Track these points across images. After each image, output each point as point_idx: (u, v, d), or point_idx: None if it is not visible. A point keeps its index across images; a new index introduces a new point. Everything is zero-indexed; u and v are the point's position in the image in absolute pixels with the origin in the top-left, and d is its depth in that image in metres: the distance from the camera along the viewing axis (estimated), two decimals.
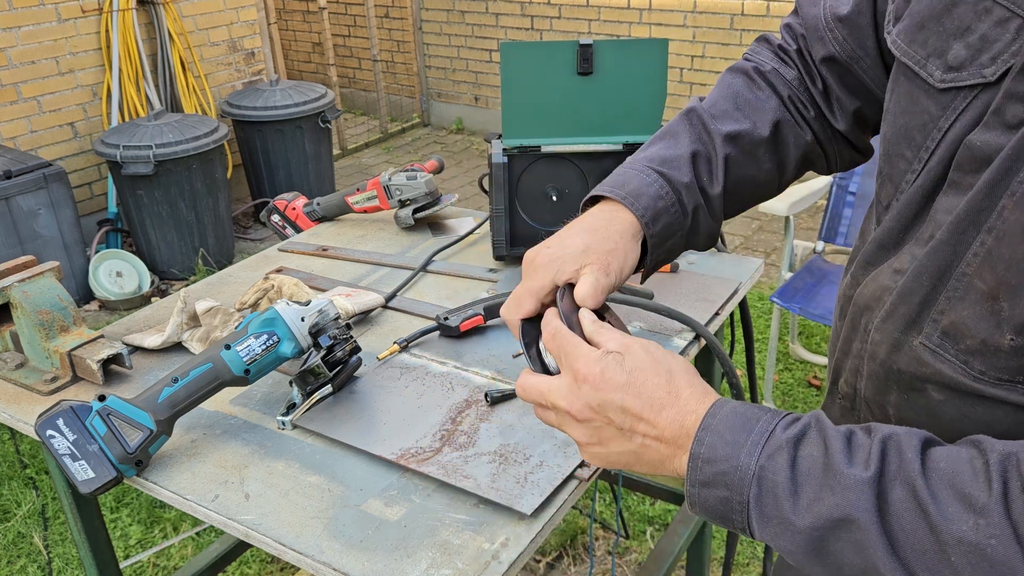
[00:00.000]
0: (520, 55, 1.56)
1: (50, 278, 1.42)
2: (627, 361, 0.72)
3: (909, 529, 0.59)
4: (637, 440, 0.72)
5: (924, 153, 0.72)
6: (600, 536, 2.51)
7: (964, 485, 0.58)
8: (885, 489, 0.60)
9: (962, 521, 0.57)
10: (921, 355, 0.70)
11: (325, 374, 1.27)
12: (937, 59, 0.70)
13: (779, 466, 0.64)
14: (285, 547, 1.02)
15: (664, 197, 0.89)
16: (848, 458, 0.62)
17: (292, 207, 1.98)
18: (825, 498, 0.62)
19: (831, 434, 0.64)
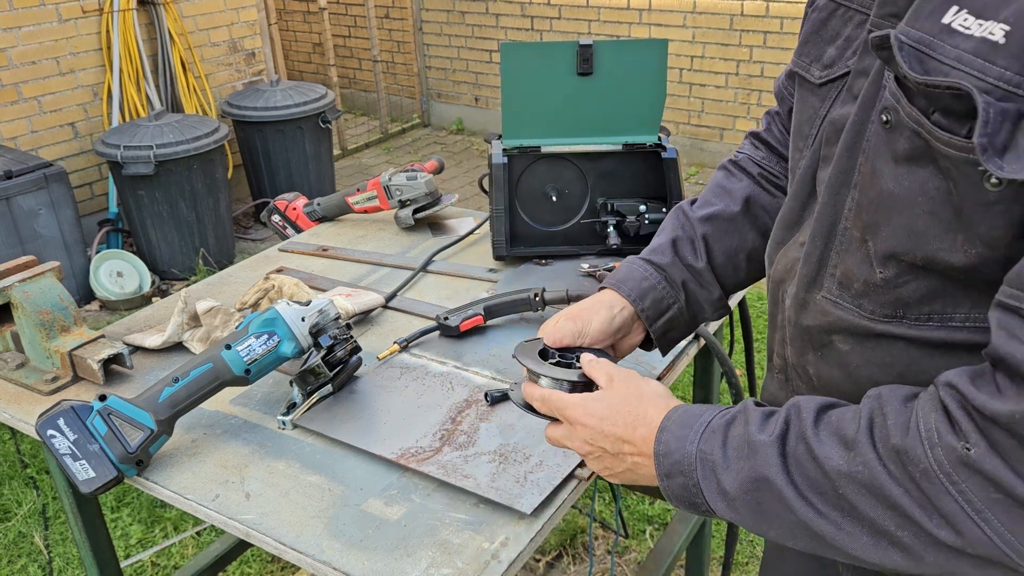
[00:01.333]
0: (520, 55, 1.57)
1: (51, 278, 1.42)
2: (606, 396, 0.87)
3: (807, 474, 0.71)
4: (628, 460, 0.85)
5: (810, 140, 0.86)
6: (600, 535, 2.52)
7: (842, 428, 0.70)
8: (786, 446, 0.72)
9: (839, 456, 0.69)
10: (824, 308, 0.80)
11: (325, 374, 1.27)
12: (817, 63, 0.86)
13: (714, 447, 0.77)
14: (285, 547, 1.02)
15: (649, 278, 1.05)
16: (761, 428, 0.75)
17: (292, 207, 1.99)
18: (744, 465, 0.74)
19: (753, 413, 0.77)
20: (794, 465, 0.71)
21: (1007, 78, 0.60)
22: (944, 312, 0.71)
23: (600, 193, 1.67)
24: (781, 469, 0.72)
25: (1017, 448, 0.61)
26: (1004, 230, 0.63)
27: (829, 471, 0.69)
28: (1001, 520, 0.62)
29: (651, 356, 1.38)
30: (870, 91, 0.74)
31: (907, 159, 0.68)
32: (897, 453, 0.66)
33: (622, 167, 1.65)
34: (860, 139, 0.74)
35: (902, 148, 0.68)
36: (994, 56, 0.60)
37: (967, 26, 0.62)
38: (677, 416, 0.82)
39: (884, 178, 0.70)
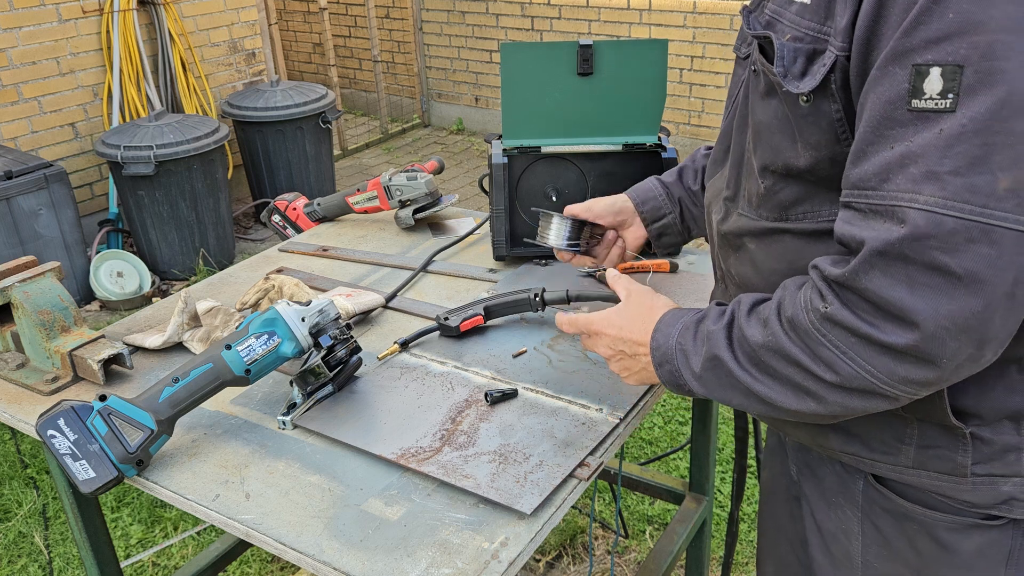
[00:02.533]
0: (520, 56, 1.57)
1: (51, 278, 1.42)
2: (624, 308, 1.13)
3: (744, 349, 0.92)
4: (643, 360, 1.08)
5: (732, 99, 1.07)
6: (599, 535, 2.52)
7: (763, 312, 0.91)
8: (731, 331, 0.94)
9: (759, 333, 0.90)
10: (737, 220, 1.02)
11: (325, 374, 1.28)
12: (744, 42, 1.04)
13: (687, 339, 1.00)
14: (285, 546, 1.02)
15: (653, 190, 1.40)
16: (716, 321, 0.97)
17: (293, 207, 1.99)
18: (704, 348, 0.97)
19: (713, 310, 0.99)
20: (736, 344, 0.93)
21: (811, 27, 0.84)
22: (813, 211, 0.92)
23: (600, 193, 1.67)
24: (727, 347, 0.94)
25: (859, 300, 0.79)
26: (820, 135, 0.86)
27: (753, 344, 0.90)
28: (862, 356, 0.81)
29: None
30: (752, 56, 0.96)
31: (765, 95, 0.91)
32: (790, 321, 0.86)
33: (622, 167, 1.65)
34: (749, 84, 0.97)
35: (762, 87, 0.92)
36: (805, 13, 0.85)
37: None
38: (666, 317, 1.06)
39: (756, 111, 0.94)
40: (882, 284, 0.76)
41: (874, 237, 0.76)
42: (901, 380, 0.80)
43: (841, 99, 0.83)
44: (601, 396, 1.28)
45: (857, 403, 0.85)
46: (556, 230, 1.37)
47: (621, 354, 1.12)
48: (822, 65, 0.82)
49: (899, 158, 0.75)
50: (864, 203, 0.78)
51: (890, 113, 0.76)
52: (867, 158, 0.78)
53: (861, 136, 0.79)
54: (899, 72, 0.75)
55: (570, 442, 1.17)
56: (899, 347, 0.77)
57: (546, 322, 1.49)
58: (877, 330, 0.78)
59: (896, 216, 0.75)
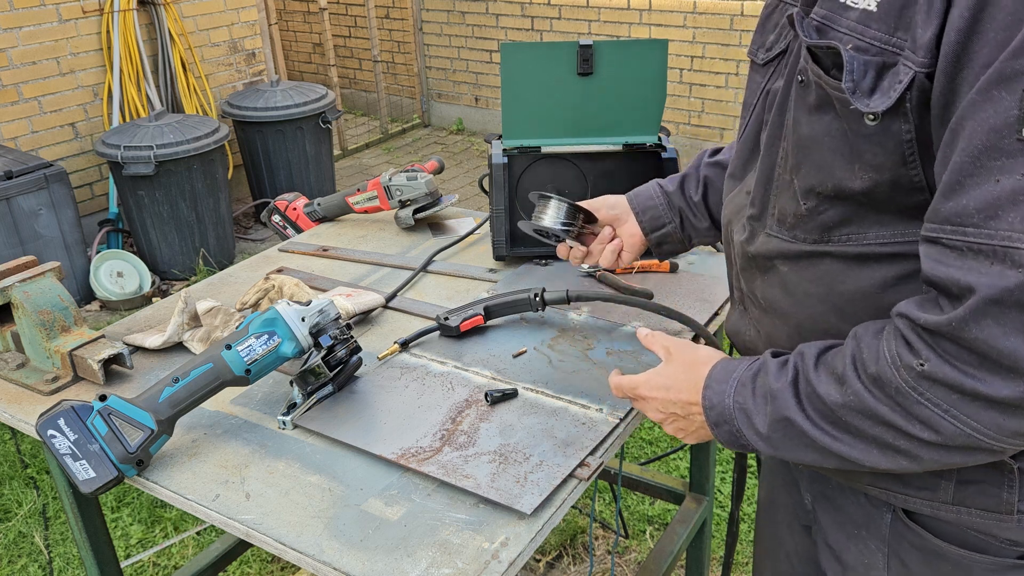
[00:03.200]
0: (520, 56, 1.57)
1: (51, 278, 1.42)
2: (667, 369, 1.05)
3: (817, 409, 0.85)
4: (697, 419, 1.00)
5: (750, 108, 1.02)
6: (600, 536, 2.52)
7: (834, 366, 0.84)
8: (798, 389, 0.87)
9: (835, 391, 0.83)
10: (766, 241, 0.96)
11: (326, 374, 1.28)
12: (762, 48, 1.01)
13: (746, 397, 0.92)
14: (285, 546, 1.02)
15: (654, 197, 1.34)
16: (777, 377, 0.89)
17: (293, 207, 1.99)
18: (769, 409, 0.89)
19: (771, 364, 0.91)
20: (806, 403, 0.86)
21: (879, 38, 0.77)
22: (858, 233, 0.86)
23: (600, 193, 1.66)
24: (797, 409, 0.86)
25: (961, 351, 0.73)
26: (884, 157, 0.79)
27: (831, 404, 0.83)
28: (966, 413, 0.74)
29: (651, 357, 1.38)
30: (792, 63, 0.90)
31: (816, 108, 0.84)
32: (874, 380, 0.79)
33: (622, 167, 1.65)
34: (787, 100, 0.90)
35: (812, 100, 0.84)
36: (869, 22, 0.78)
37: (855, 1, 0.79)
38: (715, 373, 0.98)
39: (801, 126, 0.87)
40: (995, 334, 0.70)
41: (987, 284, 0.70)
42: (1012, 434, 0.74)
43: (915, 119, 0.76)
44: (601, 396, 1.28)
45: (957, 459, 0.79)
46: (553, 211, 1.34)
47: (673, 416, 1.04)
48: (896, 82, 0.75)
49: (1009, 193, 0.68)
50: (962, 241, 0.71)
51: (995, 142, 0.69)
52: (965, 191, 0.71)
53: (958, 166, 0.71)
54: (1006, 97, 0.68)
55: (570, 442, 1.17)
56: (1010, 400, 0.72)
57: (546, 322, 1.50)
58: (984, 384, 0.72)
59: (1010, 259, 0.69)
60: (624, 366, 1.35)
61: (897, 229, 0.83)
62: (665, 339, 1.09)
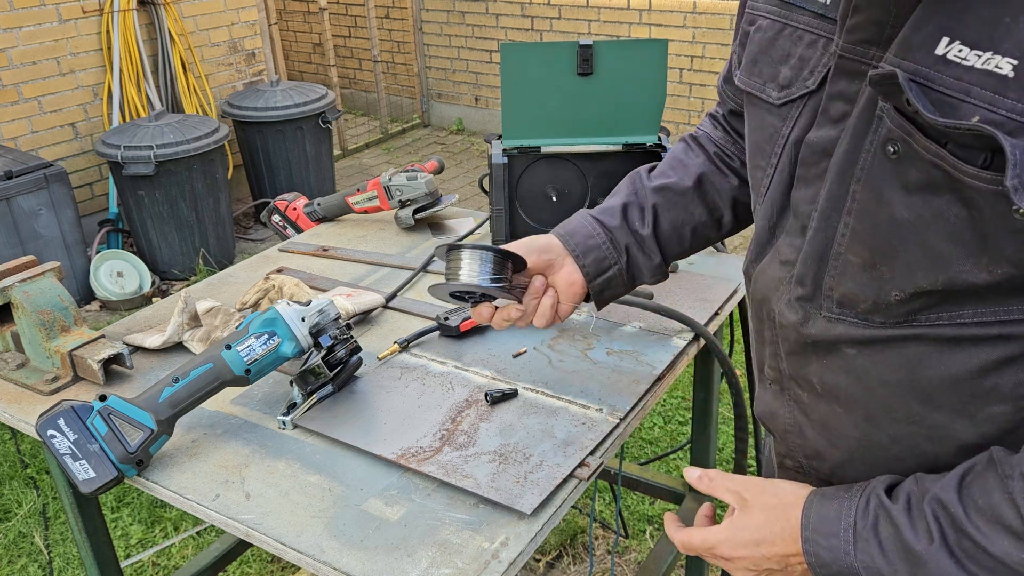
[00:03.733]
0: (520, 56, 1.57)
1: (51, 278, 1.42)
2: (749, 520, 0.87)
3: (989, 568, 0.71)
4: (799, 569, 0.84)
5: (773, 159, 0.87)
6: (600, 535, 2.52)
7: (1000, 514, 0.70)
8: (952, 550, 0.72)
9: (1016, 550, 0.69)
10: (829, 326, 0.82)
11: (326, 374, 1.28)
12: (772, 83, 0.87)
13: (873, 555, 0.77)
14: (285, 547, 1.02)
15: (595, 236, 1.09)
16: (915, 533, 0.74)
17: (293, 207, 1.99)
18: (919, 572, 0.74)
19: (894, 510, 0.77)
20: (971, 566, 0.72)
21: (1019, 110, 0.62)
22: (953, 311, 0.74)
23: (600, 193, 1.67)
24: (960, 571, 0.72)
25: None
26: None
27: (1013, 564, 0.70)
28: None
29: (651, 357, 1.38)
30: (862, 120, 0.75)
31: (921, 188, 0.70)
32: None
33: (622, 167, 1.65)
34: (852, 167, 0.76)
35: (915, 178, 0.70)
36: (1004, 89, 0.62)
37: (964, 57, 0.65)
38: (815, 521, 0.82)
39: (894, 206, 0.72)
40: None
41: None
42: None
43: None
44: (601, 396, 1.28)
45: None
46: (472, 264, 1.01)
47: (768, 572, 0.87)
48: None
49: None
50: None
51: None
52: None
53: None
54: None
55: (570, 442, 1.17)
56: None
57: None
58: None
59: None
60: (624, 366, 1.35)
61: (1000, 307, 0.72)
62: (730, 481, 0.91)
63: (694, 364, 1.73)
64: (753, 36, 0.90)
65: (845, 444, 0.86)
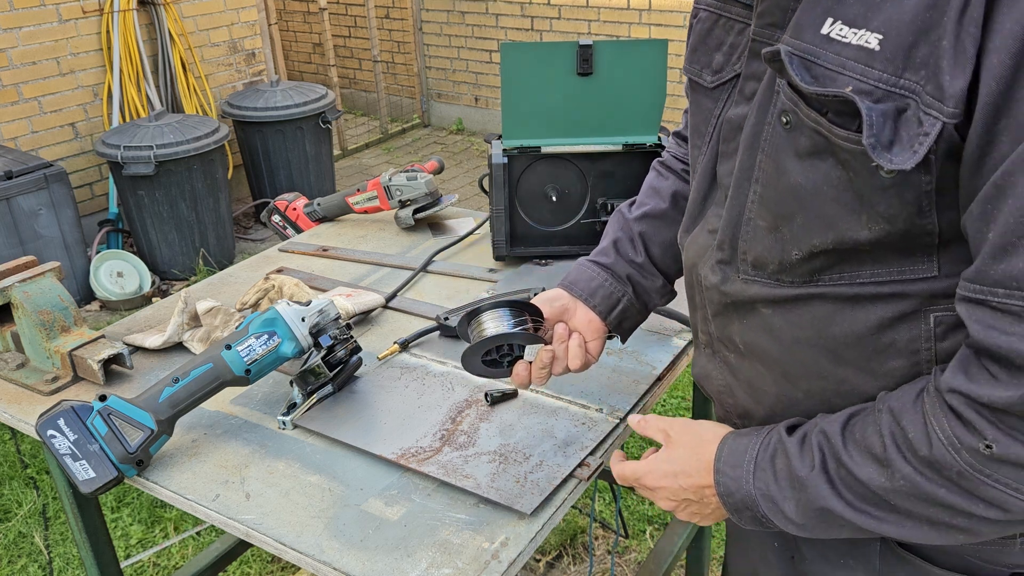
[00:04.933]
0: (520, 56, 1.57)
1: (51, 278, 1.42)
2: (671, 453, 0.97)
3: (857, 494, 0.79)
4: (713, 502, 0.93)
5: (707, 138, 0.95)
6: (600, 535, 2.52)
7: (870, 445, 0.78)
8: (829, 475, 0.81)
9: (879, 476, 0.77)
10: (744, 286, 0.89)
11: (325, 374, 1.28)
12: (707, 68, 0.94)
13: (768, 483, 0.86)
14: (285, 547, 1.02)
15: (596, 278, 1.16)
16: (801, 462, 0.83)
17: (293, 207, 1.99)
18: (801, 497, 0.83)
19: (789, 444, 0.85)
20: (844, 489, 0.80)
21: (885, 80, 0.70)
22: (851, 272, 0.80)
23: (600, 193, 1.67)
24: (834, 496, 0.80)
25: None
26: (901, 208, 0.73)
27: (876, 489, 0.78)
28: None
29: (651, 357, 1.38)
30: (764, 95, 0.82)
31: (810, 154, 0.77)
32: (930, 464, 0.74)
33: (622, 167, 1.65)
34: (758, 139, 0.82)
35: (804, 145, 0.77)
36: (871, 61, 0.70)
37: (843, 35, 0.72)
38: (726, 455, 0.91)
39: (790, 173, 0.79)
40: None
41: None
42: None
43: (937, 170, 0.71)
44: (601, 396, 1.28)
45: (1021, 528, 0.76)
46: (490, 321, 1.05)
47: (686, 503, 0.96)
48: (920, 134, 0.69)
49: None
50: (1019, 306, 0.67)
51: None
52: (1019, 253, 0.66)
53: (1010, 227, 0.66)
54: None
55: (570, 442, 1.17)
56: None
57: None
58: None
59: None
60: (624, 365, 1.35)
61: (894, 267, 0.78)
62: (660, 421, 1.01)
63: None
64: (695, 27, 0.97)
65: (767, 401, 0.94)
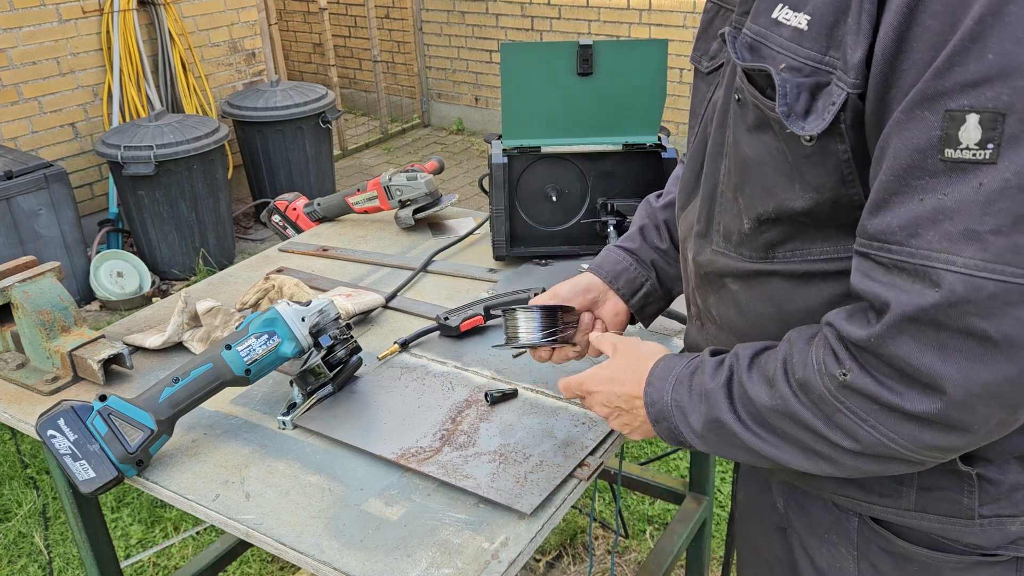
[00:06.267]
0: (520, 56, 1.57)
1: (51, 278, 1.42)
2: (612, 362, 1.05)
3: (748, 410, 0.86)
4: (641, 414, 0.99)
5: (699, 119, 1.01)
6: (600, 535, 2.52)
7: (766, 369, 0.85)
8: (731, 390, 0.88)
9: (765, 394, 0.84)
10: (714, 258, 0.95)
11: (325, 374, 1.28)
12: (705, 55, 1.01)
13: (683, 395, 0.93)
14: (285, 547, 1.02)
15: (621, 261, 1.23)
16: (713, 376, 0.90)
17: (293, 207, 1.99)
18: (704, 408, 0.90)
19: (708, 363, 0.92)
20: (739, 404, 0.87)
21: (811, 57, 0.76)
22: (802, 249, 0.86)
23: (600, 193, 1.67)
24: (729, 409, 0.88)
25: (881, 365, 0.74)
26: (825, 177, 0.79)
27: (760, 406, 0.85)
28: (884, 424, 0.76)
29: None
30: (730, 77, 0.88)
31: (755, 128, 0.83)
32: (800, 385, 0.81)
33: (622, 167, 1.65)
34: (726, 117, 0.89)
35: (750, 120, 0.83)
36: (801, 40, 0.77)
37: (787, 18, 0.78)
38: (657, 369, 0.98)
39: (742, 146, 0.85)
40: (911, 351, 0.71)
41: (904, 301, 0.71)
42: (927, 447, 0.75)
43: (851, 139, 0.76)
44: None
45: (876, 467, 0.81)
46: (525, 325, 1.14)
47: (618, 410, 1.03)
48: (830, 103, 0.75)
49: (931, 212, 0.69)
50: (887, 258, 0.72)
51: (918, 162, 0.69)
52: (890, 209, 0.72)
53: (883, 184, 0.72)
54: (929, 117, 0.68)
55: (570, 442, 1.17)
56: (926, 415, 0.72)
57: None
58: (901, 398, 0.73)
59: (928, 278, 0.69)
60: None
61: (840, 244, 0.83)
62: (614, 337, 1.09)
63: None
64: (701, 20, 1.05)
65: None
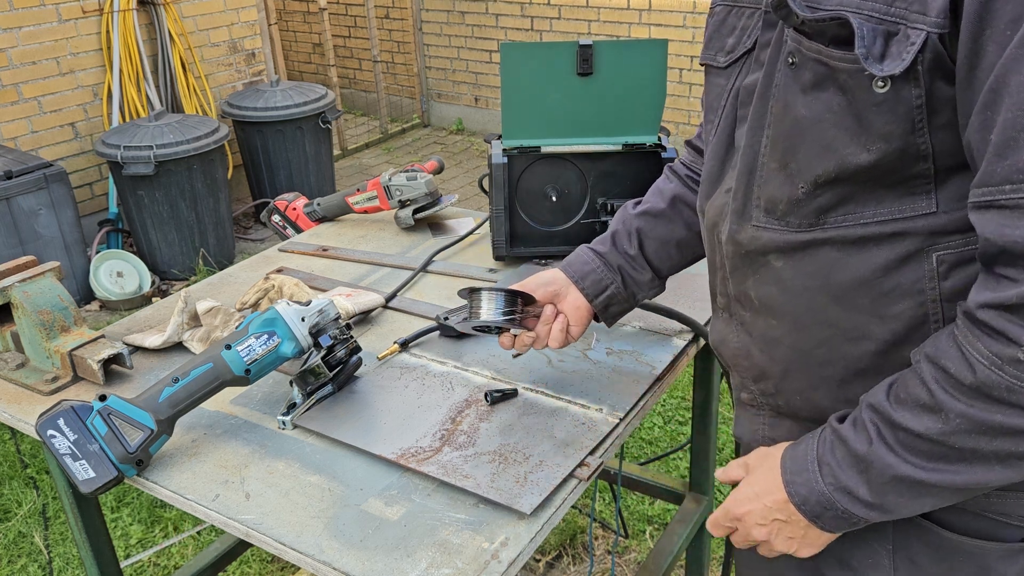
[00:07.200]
0: (520, 56, 1.57)
1: (51, 278, 1.42)
2: (749, 477, 0.98)
3: (921, 451, 0.80)
4: (802, 520, 0.91)
5: (720, 110, 1.02)
6: (600, 535, 2.52)
7: (916, 397, 0.80)
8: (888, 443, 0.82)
9: (933, 422, 0.78)
10: (755, 234, 0.93)
11: (325, 374, 1.28)
12: (720, 52, 1.02)
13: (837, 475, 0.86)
14: (285, 547, 1.02)
15: (589, 263, 1.26)
16: (859, 440, 0.85)
17: (292, 207, 1.99)
18: (870, 476, 0.84)
19: (843, 431, 0.87)
20: (906, 452, 0.81)
21: (877, 9, 0.76)
22: (855, 212, 0.85)
23: (600, 193, 1.67)
24: (900, 462, 0.81)
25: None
26: (895, 124, 0.78)
27: (936, 438, 0.78)
28: None
29: (651, 356, 1.38)
30: (774, 50, 0.88)
31: (813, 87, 0.83)
32: (977, 391, 0.75)
33: (622, 167, 1.65)
34: (768, 89, 0.89)
35: (807, 79, 0.83)
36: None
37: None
38: (787, 463, 0.92)
39: (797, 108, 0.85)
40: None
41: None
42: None
43: (925, 83, 0.76)
44: (601, 396, 1.28)
45: None
46: (487, 304, 1.21)
47: (778, 525, 0.94)
48: (908, 45, 0.75)
49: None
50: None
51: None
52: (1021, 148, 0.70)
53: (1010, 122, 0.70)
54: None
55: (570, 442, 1.17)
56: None
57: None
58: None
59: None
60: (624, 366, 1.36)
61: (895, 206, 0.83)
62: (737, 460, 1.03)
63: (694, 364, 1.73)
64: (710, 22, 1.06)
65: (781, 355, 0.97)
